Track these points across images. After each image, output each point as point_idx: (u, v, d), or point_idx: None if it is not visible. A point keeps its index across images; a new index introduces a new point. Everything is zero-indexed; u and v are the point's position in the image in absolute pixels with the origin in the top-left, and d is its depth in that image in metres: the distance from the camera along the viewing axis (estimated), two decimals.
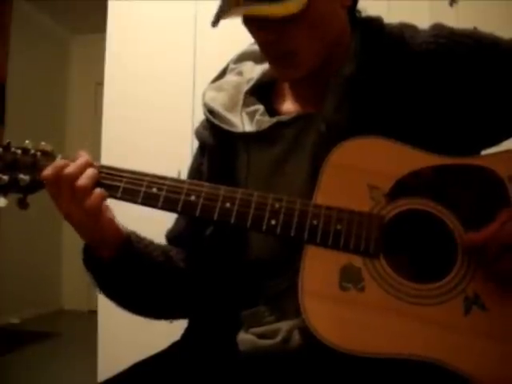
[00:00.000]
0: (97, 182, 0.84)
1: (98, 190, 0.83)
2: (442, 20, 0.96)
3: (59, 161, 0.85)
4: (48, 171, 0.83)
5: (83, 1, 4.33)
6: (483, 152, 0.93)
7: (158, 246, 0.97)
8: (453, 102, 0.88)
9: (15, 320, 4.52)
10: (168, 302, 0.99)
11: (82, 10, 4.55)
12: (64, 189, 0.83)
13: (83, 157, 0.86)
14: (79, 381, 3.09)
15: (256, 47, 0.95)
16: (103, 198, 0.84)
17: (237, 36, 1.01)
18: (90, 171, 0.84)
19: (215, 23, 0.86)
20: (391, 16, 0.97)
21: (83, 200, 0.82)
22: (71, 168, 0.83)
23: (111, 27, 2.65)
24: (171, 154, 2.37)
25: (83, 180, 0.83)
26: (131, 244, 0.90)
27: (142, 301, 0.96)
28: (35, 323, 4.56)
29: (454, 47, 0.89)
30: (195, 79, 2.52)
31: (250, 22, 0.87)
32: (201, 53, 2.55)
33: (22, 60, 4.62)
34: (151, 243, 0.96)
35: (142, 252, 0.92)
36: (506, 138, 0.94)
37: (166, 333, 1.09)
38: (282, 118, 0.94)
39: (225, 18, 0.85)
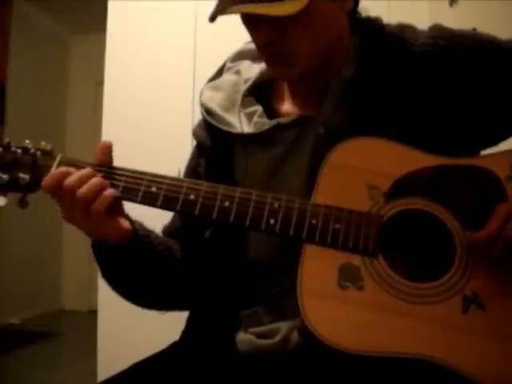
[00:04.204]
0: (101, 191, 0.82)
1: (102, 199, 0.82)
2: (442, 20, 0.96)
3: (58, 169, 0.83)
4: (46, 181, 0.82)
5: (83, 1, 4.33)
6: (482, 152, 0.93)
7: (163, 241, 0.97)
8: (452, 102, 0.88)
9: (15, 320, 4.51)
10: (168, 295, 0.99)
11: (82, 9, 4.54)
12: (66, 198, 0.82)
13: (87, 168, 0.84)
14: (79, 381, 3.08)
15: (253, 45, 0.95)
16: (107, 205, 0.83)
17: (237, 36, 1.01)
18: (93, 181, 0.82)
19: (213, 19, 0.86)
20: (391, 16, 0.97)
21: (86, 209, 0.81)
22: (73, 177, 0.82)
23: (111, 27, 2.65)
24: (171, 154, 2.36)
25: (85, 190, 0.81)
26: (139, 239, 0.89)
27: (143, 292, 0.96)
28: (35, 323, 4.55)
29: (453, 48, 0.89)
30: (195, 79, 2.52)
31: (249, 22, 0.87)
32: (201, 52, 2.54)
33: (21, 60, 4.61)
34: (157, 237, 0.96)
35: (148, 247, 0.91)
36: (505, 138, 0.95)
37: (165, 333, 1.09)
38: (281, 120, 0.94)
39: (222, 15, 0.84)
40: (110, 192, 0.83)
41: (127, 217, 0.89)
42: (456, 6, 2.45)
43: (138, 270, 0.91)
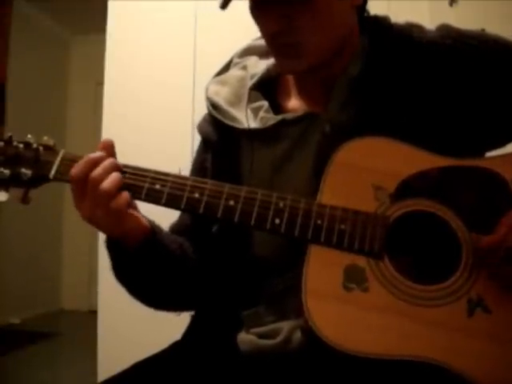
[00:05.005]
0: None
1: (123, 194, 0.81)
2: (442, 20, 0.96)
3: (87, 158, 0.82)
4: (76, 169, 0.81)
5: (83, 1, 4.33)
6: (489, 154, 0.93)
7: (175, 239, 0.95)
8: (459, 102, 0.88)
9: (15, 320, 4.51)
10: (182, 295, 0.97)
11: (82, 9, 4.54)
12: (89, 190, 0.81)
13: (109, 159, 0.83)
14: (79, 381, 3.08)
15: (261, 42, 0.95)
16: (127, 202, 0.82)
17: (237, 35, 1.01)
18: (115, 175, 0.81)
19: (224, 6, 0.86)
20: (391, 16, 0.97)
21: (107, 203, 0.80)
22: (99, 170, 0.81)
23: (111, 27, 2.64)
24: (171, 154, 2.37)
25: (108, 184, 0.80)
26: (154, 237, 0.88)
27: (158, 292, 0.94)
28: (35, 323, 4.55)
29: (460, 48, 0.89)
30: (195, 79, 2.52)
31: (258, 10, 0.87)
32: (201, 52, 2.54)
33: (22, 60, 4.61)
34: (167, 235, 0.95)
35: (162, 245, 0.90)
36: (511, 139, 0.94)
37: (166, 332, 1.09)
38: (287, 116, 0.93)
39: None
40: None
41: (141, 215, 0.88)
42: (456, 6, 2.45)
43: (155, 269, 0.89)
